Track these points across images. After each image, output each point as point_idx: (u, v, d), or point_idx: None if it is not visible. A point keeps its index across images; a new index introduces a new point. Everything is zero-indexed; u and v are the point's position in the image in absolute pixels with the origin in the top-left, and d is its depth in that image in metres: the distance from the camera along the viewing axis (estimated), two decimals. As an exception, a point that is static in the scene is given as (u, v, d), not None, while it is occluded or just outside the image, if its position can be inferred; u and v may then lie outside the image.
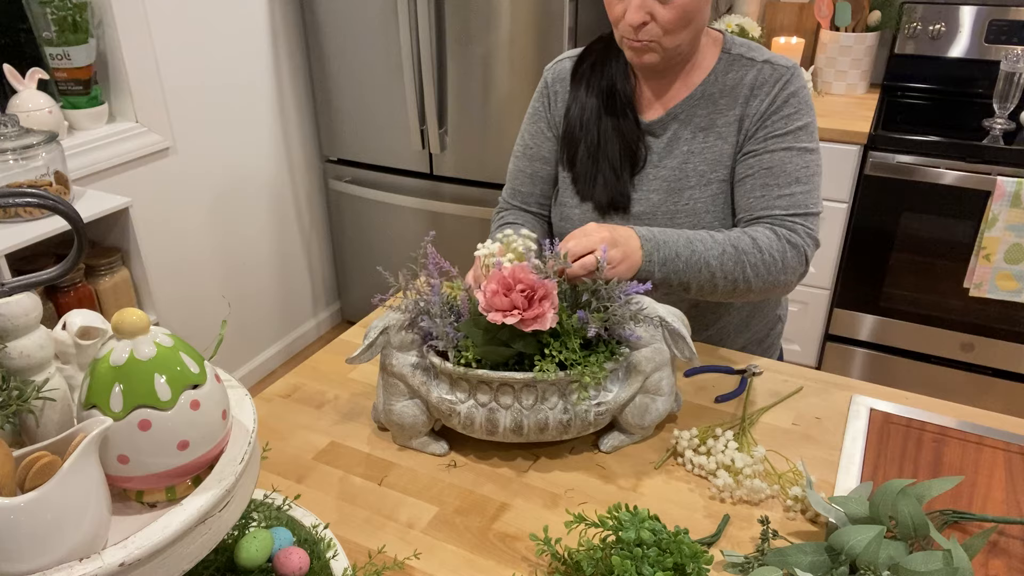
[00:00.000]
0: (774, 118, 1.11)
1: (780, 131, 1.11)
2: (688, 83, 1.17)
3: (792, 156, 1.10)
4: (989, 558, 0.83)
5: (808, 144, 1.12)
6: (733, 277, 1.06)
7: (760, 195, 1.11)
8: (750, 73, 1.14)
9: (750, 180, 1.12)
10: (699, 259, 1.04)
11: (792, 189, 1.10)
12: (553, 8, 2.11)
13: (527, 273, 0.89)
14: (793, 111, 1.11)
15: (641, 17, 1.05)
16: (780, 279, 1.08)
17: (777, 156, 1.10)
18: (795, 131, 1.11)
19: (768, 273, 1.07)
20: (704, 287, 1.06)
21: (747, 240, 1.07)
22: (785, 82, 1.12)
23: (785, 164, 1.10)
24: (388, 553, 0.85)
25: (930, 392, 1.17)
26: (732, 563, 0.81)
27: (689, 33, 1.09)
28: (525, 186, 1.31)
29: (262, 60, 2.46)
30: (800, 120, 1.11)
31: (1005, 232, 2.02)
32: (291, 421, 1.08)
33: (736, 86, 1.14)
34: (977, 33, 2.37)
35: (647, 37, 1.08)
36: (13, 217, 1.60)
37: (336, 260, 2.95)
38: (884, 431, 1.03)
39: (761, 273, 1.07)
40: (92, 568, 0.51)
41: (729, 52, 1.16)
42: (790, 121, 1.11)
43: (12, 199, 0.56)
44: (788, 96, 1.11)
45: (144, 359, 0.57)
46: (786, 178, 1.10)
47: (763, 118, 1.12)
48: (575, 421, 0.93)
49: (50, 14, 1.84)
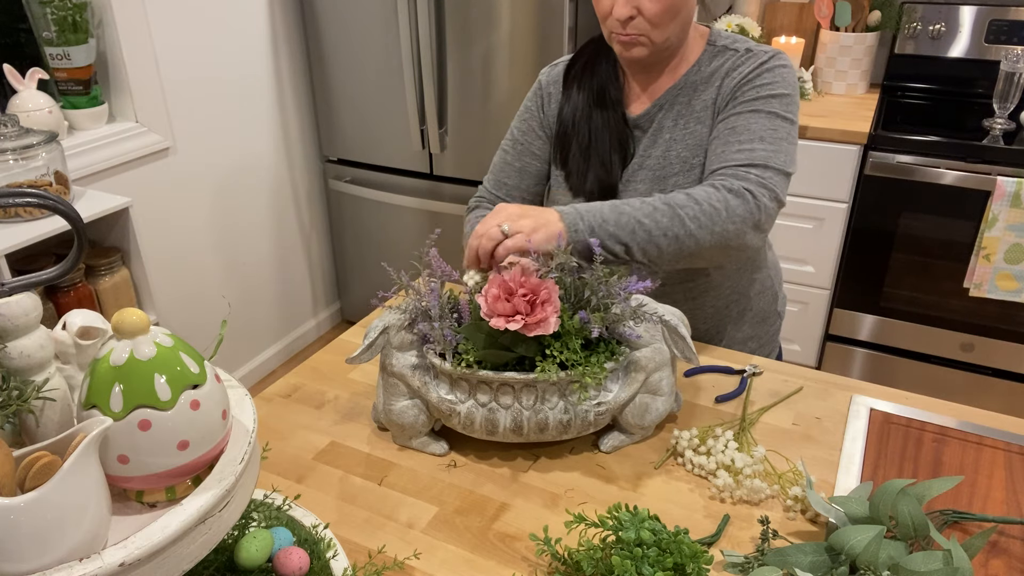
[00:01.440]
0: (745, 88, 1.11)
1: (748, 97, 1.10)
2: (674, 76, 1.19)
3: (759, 118, 1.08)
4: (989, 558, 0.83)
5: (779, 111, 1.09)
6: (674, 233, 1.02)
7: (719, 152, 1.09)
8: (729, 61, 1.16)
9: (716, 142, 1.11)
10: (628, 219, 1.01)
11: (753, 145, 1.07)
12: (553, 8, 2.11)
13: (529, 276, 0.89)
14: (767, 82, 1.10)
15: (628, 11, 1.07)
16: (729, 228, 1.03)
17: (743, 118, 1.09)
18: (767, 97, 1.10)
19: (712, 223, 1.02)
20: (647, 248, 1.02)
21: (681, 196, 1.04)
22: (761, 62, 1.12)
23: (750, 124, 1.08)
24: (388, 553, 0.85)
25: (930, 392, 1.17)
26: (732, 563, 0.81)
27: (676, 25, 1.11)
28: (512, 179, 1.33)
29: (262, 60, 2.46)
30: (774, 90, 1.10)
31: (1005, 232, 2.02)
32: (291, 421, 1.08)
33: (714, 74, 1.16)
34: (977, 33, 2.37)
35: (635, 31, 1.09)
36: (13, 217, 1.60)
37: (336, 260, 2.95)
38: (884, 431, 1.03)
39: (704, 224, 1.02)
40: (92, 568, 0.51)
41: (714, 44, 1.18)
42: (762, 90, 1.10)
43: (12, 199, 0.56)
44: (763, 70, 1.11)
45: (144, 359, 0.57)
46: (748, 135, 1.08)
47: (735, 89, 1.12)
48: (575, 421, 0.93)
49: (50, 14, 1.84)
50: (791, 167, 1.08)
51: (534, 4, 2.13)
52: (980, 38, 2.37)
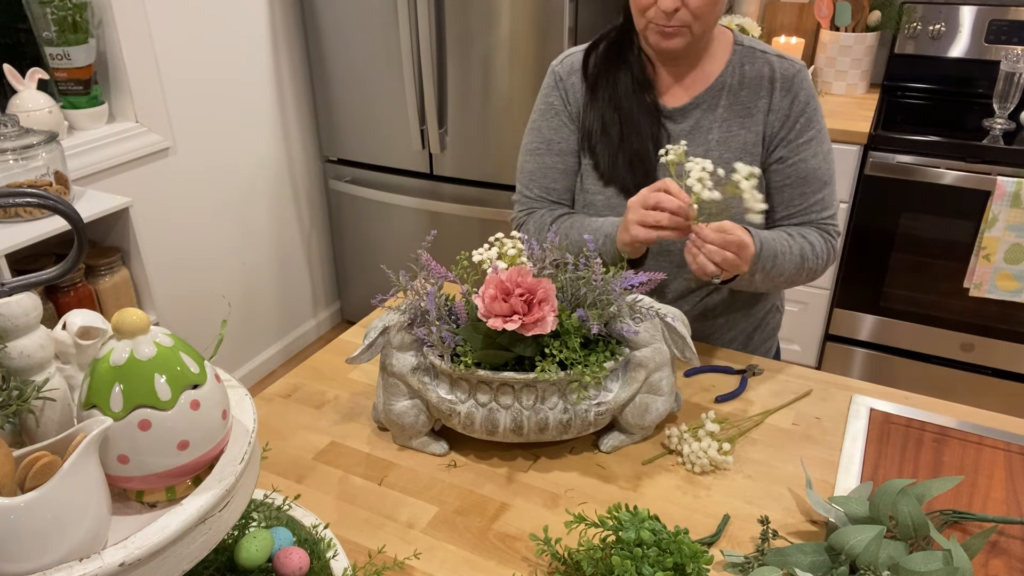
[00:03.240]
0: (800, 123, 1.18)
1: (806, 137, 1.19)
2: (706, 72, 1.21)
3: (819, 162, 1.20)
4: (989, 558, 0.83)
5: (826, 143, 1.21)
6: (791, 280, 1.19)
7: (799, 203, 1.21)
8: (766, 67, 1.19)
9: (788, 190, 1.21)
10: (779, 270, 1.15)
11: (823, 192, 1.21)
12: (553, 8, 2.11)
13: (525, 276, 0.89)
14: (813, 113, 1.19)
15: (674, 3, 1.09)
16: (818, 276, 1.23)
17: (809, 165, 1.19)
18: (816, 136, 1.19)
19: (814, 271, 1.21)
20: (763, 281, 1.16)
21: (807, 246, 1.18)
22: (801, 80, 1.19)
23: (816, 171, 1.19)
24: (388, 553, 0.85)
25: (930, 392, 1.17)
26: (732, 563, 0.81)
27: (714, 18, 1.14)
28: (559, 182, 1.29)
29: (262, 60, 2.46)
30: (818, 122, 1.20)
31: (1005, 232, 2.02)
32: (291, 421, 1.08)
33: (756, 78, 1.19)
34: (977, 33, 2.37)
35: (678, 23, 1.11)
36: (13, 217, 1.60)
37: (336, 260, 2.95)
38: (884, 431, 1.03)
39: (811, 274, 1.20)
40: (92, 568, 0.51)
41: (741, 44, 1.22)
42: (810, 124, 1.19)
43: (12, 199, 0.56)
44: (808, 98, 1.19)
45: (144, 359, 0.57)
46: (817, 183, 1.20)
47: (787, 121, 1.18)
48: (575, 421, 0.93)
49: (50, 14, 1.84)
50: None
51: (534, 4, 2.13)
52: (980, 38, 2.37)
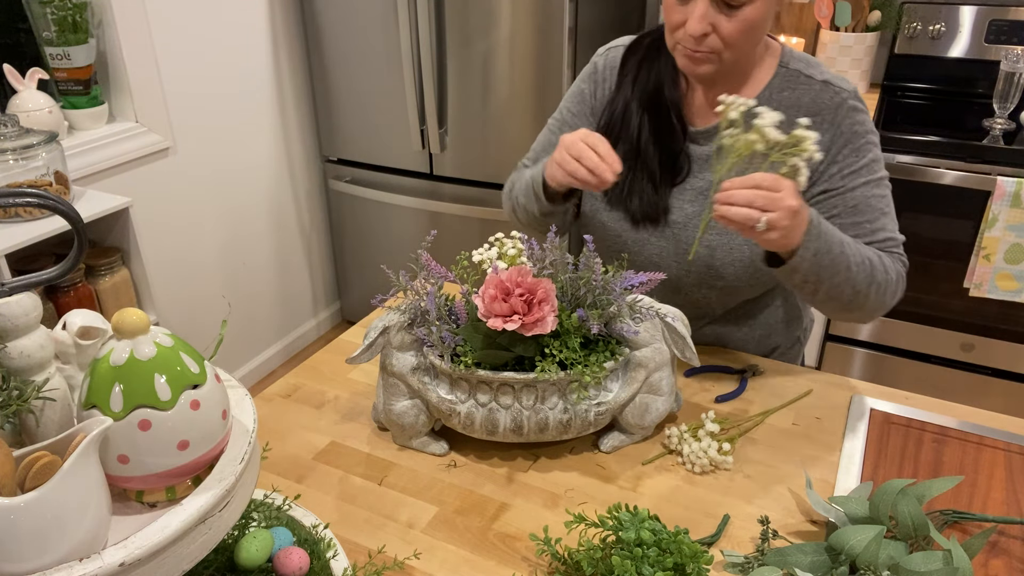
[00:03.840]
0: (845, 152, 1.07)
1: (854, 166, 1.07)
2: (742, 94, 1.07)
3: (872, 189, 1.07)
4: (989, 558, 0.83)
5: (882, 173, 1.09)
6: (857, 289, 1.02)
7: (853, 233, 1.07)
8: (807, 94, 1.08)
9: (837, 220, 1.07)
10: (843, 260, 0.99)
11: (883, 222, 1.08)
12: (553, 8, 2.11)
13: (525, 276, 0.89)
14: (863, 142, 1.07)
15: (703, 28, 0.98)
16: (886, 303, 1.06)
17: (859, 193, 1.07)
18: (869, 164, 1.07)
19: (883, 294, 1.05)
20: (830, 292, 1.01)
21: (876, 257, 1.04)
22: (848, 110, 1.07)
23: (869, 200, 1.07)
24: (388, 553, 0.85)
25: (930, 392, 1.17)
26: (732, 563, 0.81)
27: (750, 45, 1.04)
28: None
29: (262, 60, 2.46)
30: (872, 151, 1.07)
31: (1005, 232, 2.02)
32: (291, 421, 1.08)
33: (792, 106, 1.08)
34: (977, 33, 2.37)
35: (706, 48, 1.01)
36: (13, 217, 1.60)
37: (336, 260, 2.95)
38: (884, 431, 1.03)
39: (879, 292, 1.04)
40: (92, 568, 0.51)
41: (787, 67, 1.10)
42: (861, 154, 1.07)
43: (12, 199, 0.56)
44: (854, 126, 1.07)
45: (144, 359, 0.57)
46: (872, 213, 1.07)
47: (827, 154, 1.07)
48: (575, 421, 0.93)
49: (50, 14, 1.84)
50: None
51: (534, 4, 2.13)
52: (980, 38, 2.37)
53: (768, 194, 0.88)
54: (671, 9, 1.02)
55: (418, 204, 2.55)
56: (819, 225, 0.96)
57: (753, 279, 1.13)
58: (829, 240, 0.97)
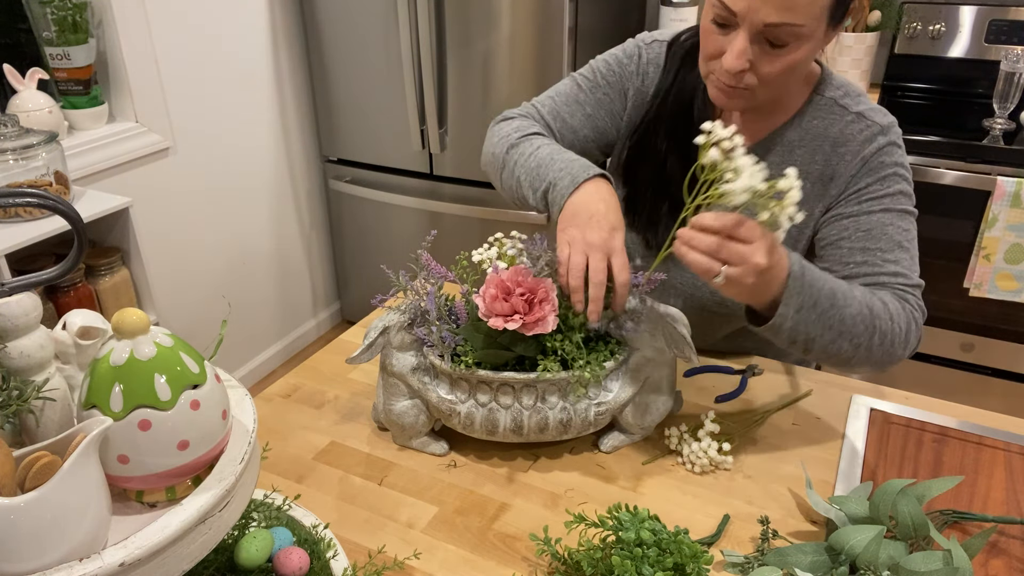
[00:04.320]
0: (868, 179, 0.99)
1: (876, 193, 0.98)
2: (771, 121, 1.04)
3: (892, 218, 0.97)
4: (989, 558, 0.83)
5: (908, 206, 0.99)
6: (857, 343, 0.90)
7: (862, 259, 0.97)
8: (837, 125, 1.01)
9: (846, 243, 0.98)
10: (835, 314, 0.88)
11: (897, 255, 0.96)
12: (553, 8, 2.11)
13: (526, 275, 0.89)
14: (889, 172, 0.98)
15: (741, 65, 0.90)
16: (896, 354, 0.94)
17: (876, 218, 0.97)
18: (894, 195, 0.98)
19: (891, 345, 0.93)
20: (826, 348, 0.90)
21: (879, 303, 0.91)
22: (881, 145, 0.99)
23: (886, 227, 0.97)
24: (388, 553, 0.85)
25: (930, 392, 1.17)
26: (732, 563, 0.81)
27: (791, 84, 0.98)
28: (575, 119, 1.13)
29: (262, 60, 2.46)
30: (898, 184, 0.99)
31: (1005, 232, 2.02)
32: (291, 421, 1.08)
33: (817, 137, 1.01)
34: (977, 33, 2.37)
35: (741, 84, 0.93)
36: (13, 217, 1.60)
37: (336, 260, 2.95)
38: (884, 431, 1.03)
39: (885, 343, 0.92)
40: (92, 568, 0.51)
41: (822, 94, 1.03)
42: (886, 184, 0.98)
43: (12, 199, 0.56)
44: (882, 157, 0.99)
45: (144, 359, 0.57)
46: (888, 242, 0.96)
47: (849, 186, 0.99)
48: (575, 421, 0.93)
49: (50, 14, 1.84)
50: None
51: (534, 4, 2.13)
52: (980, 38, 2.37)
53: (734, 247, 0.78)
54: (708, 35, 0.94)
55: (418, 204, 2.55)
56: (802, 276, 0.85)
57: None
58: (816, 292, 0.86)
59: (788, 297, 0.84)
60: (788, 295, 0.84)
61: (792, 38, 0.88)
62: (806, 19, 0.86)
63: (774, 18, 0.86)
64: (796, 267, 0.85)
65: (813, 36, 0.89)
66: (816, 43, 0.91)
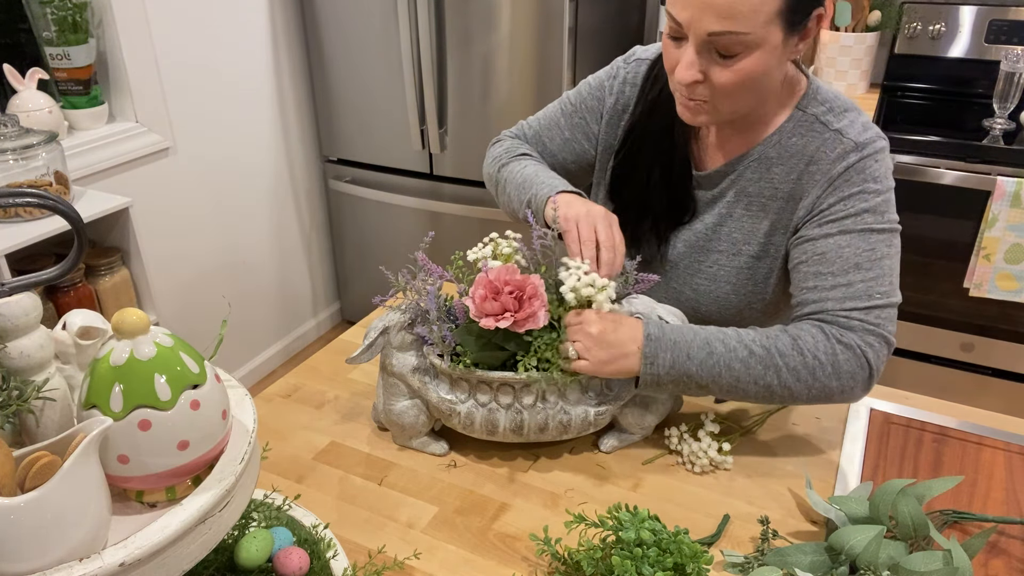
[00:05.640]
0: (831, 199, 0.96)
1: (838, 215, 0.95)
2: (749, 137, 1.03)
3: (850, 239, 0.94)
4: (989, 558, 0.83)
5: (873, 224, 0.94)
6: (766, 383, 0.90)
7: (812, 285, 0.95)
8: (815, 142, 0.98)
9: (804, 267, 0.96)
10: (716, 362, 0.90)
11: (849, 277, 0.93)
12: (553, 8, 2.11)
13: (513, 273, 0.89)
14: (856, 191, 0.95)
15: (692, 75, 0.89)
16: (832, 386, 0.91)
17: (832, 241, 0.95)
18: (856, 214, 0.94)
19: (813, 379, 0.91)
20: (732, 391, 0.92)
21: (786, 340, 0.91)
22: (851, 163, 0.95)
23: (841, 249, 0.94)
24: (388, 553, 0.85)
25: (930, 392, 1.17)
26: (732, 563, 0.81)
27: (753, 98, 0.94)
28: (554, 143, 1.17)
29: (262, 60, 2.46)
30: (866, 201, 0.94)
31: (1005, 232, 2.02)
32: (291, 421, 1.08)
33: (795, 155, 0.99)
34: (977, 33, 2.37)
35: (699, 97, 0.92)
36: (13, 217, 1.60)
37: (336, 260, 2.95)
38: (884, 431, 1.03)
39: (804, 378, 0.90)
40: (92, 568, 0.51)
41: (804, 110, 1.00)
42: (849, 204, 0.95)
43: (12, 199, 0.56)
44: (851, 175, 0.95)
45: (144, 359, 0.57)
46: (842, 264, 0.93)
47: (818, 199, 0.97)
48: (575, 421, 0.93)
49: (50, 14, 1.84)
50: (895, 294, 0.96)
51: (534, 4, 2.12)
52: (980, 38, 2.37)
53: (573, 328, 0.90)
54: (667, 48, 0.93)
55: (418, 204, 2.55)
56: (661, 337, 0.90)
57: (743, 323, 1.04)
58: (686, 345, 0.90)
59: (652, 355, 0.90)
60: (651, 353, 0.90)
61: (740, 47, 0.86)
62: (750, 27, 0.84)
63: (716, 27, 0.85)
64: (654, 329, 0.91)
65: (764, 44, 0.87)
66: (771, 52, 0.88)
